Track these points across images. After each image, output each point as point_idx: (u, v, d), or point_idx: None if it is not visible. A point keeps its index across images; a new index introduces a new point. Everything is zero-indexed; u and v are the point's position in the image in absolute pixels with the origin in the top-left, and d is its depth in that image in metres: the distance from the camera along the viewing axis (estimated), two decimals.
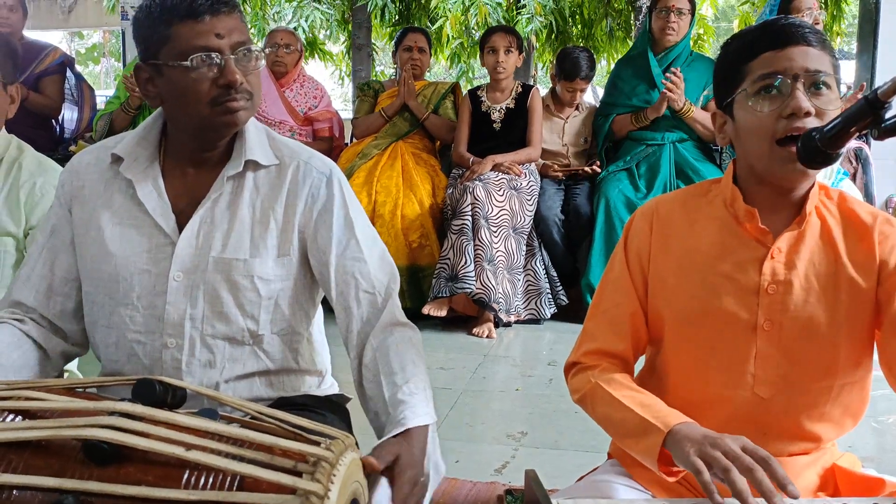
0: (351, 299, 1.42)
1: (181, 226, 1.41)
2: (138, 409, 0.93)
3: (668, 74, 4.12)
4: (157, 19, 1.34)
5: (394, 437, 1.20)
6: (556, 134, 4.57)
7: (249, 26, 7.34)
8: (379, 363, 1.35)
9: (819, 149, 1.13)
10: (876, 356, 1.31)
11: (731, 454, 1.09)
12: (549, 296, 4.16)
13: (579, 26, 7.31)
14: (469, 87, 4.73)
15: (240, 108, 1.37)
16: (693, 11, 4.35)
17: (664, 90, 4.12)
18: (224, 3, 1.35)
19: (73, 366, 2.03)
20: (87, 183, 1.46)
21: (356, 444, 1.06)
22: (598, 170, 4.39)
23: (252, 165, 1.43)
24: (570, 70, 4.50)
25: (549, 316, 4.14)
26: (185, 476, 0.90)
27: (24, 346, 1.42)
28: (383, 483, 1.11)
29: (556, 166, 4.47)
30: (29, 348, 1.43)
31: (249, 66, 1.38)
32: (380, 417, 1.32)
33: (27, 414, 0.97)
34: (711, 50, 7.19)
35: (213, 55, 1.33)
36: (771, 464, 1.07)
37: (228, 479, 0.91)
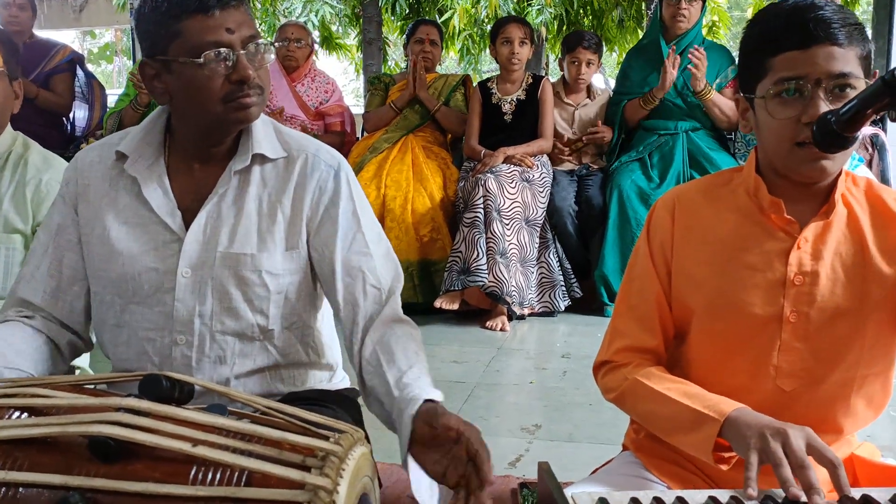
0: (358, 293, 1.40)
1: (187, 222, 1.40)
2: (144, 405, 0.93)
3: (691, 51, 4.08)
4: (164, 14, 1.31)
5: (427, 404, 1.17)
6: (565, 121, 4.53)
7: (259, 22, 7.38)
8: (380, 354, 1.33)
9: (835, 132, 1.10)
10: None
11: (788, 448, 1.07)
12: (563, 288, 4.14)
13: (590, 17, 7.26)
14: (477, 80, 4.70)
15: (252, 104, 1.36)
16: None
17: (664, 66, 4.08)
18: None
19: (84, 363, 2.04)
20: (92, 181, 1.45)
21: (366, 438, 1.05)
22: (597, 135, 4.38)
23: (259, 159, 1.42)
24: (572, 40, 4.50)
25: (563, 308, 4.12)
26: (193, 472, 0.90)
27: (37, 341, 1.42)
28: (413, 465, 1.10)
29: (559, 146, 4.42)
30: (42, 343, 1.43)
31: (259, 60, 1.36)
32: (384, 406, 1.29)
33: (33, 411, 0.97)
34: (726, 37, 7.13)
35: (225, 51, 1.32)
36: (838, 470, 1.07)
37: (236, 474, 0.90)
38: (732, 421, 1.15)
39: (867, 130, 4.27)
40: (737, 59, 1.35)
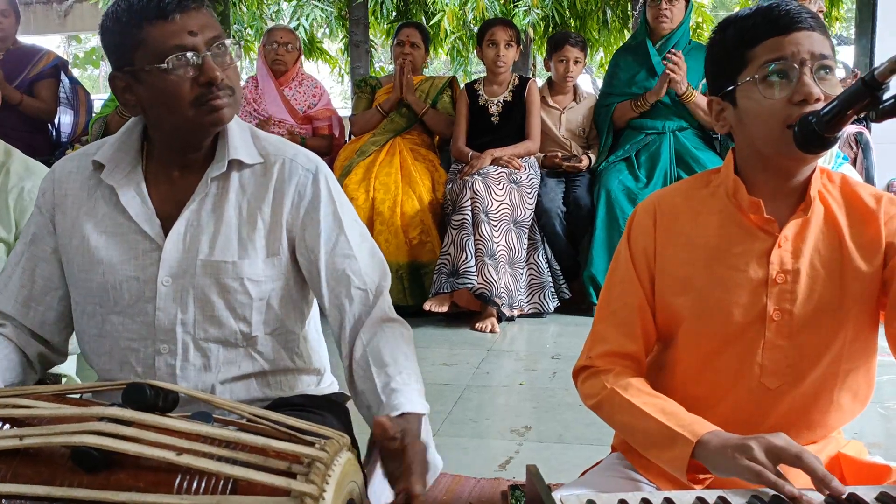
0: (343, 297, 1.40)
1: (167, 230, 1.39)
2: (128, 413, 0.92)
3: (668, 55, 4.10)
4: (126, 24, 1.30)
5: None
6: (553, 125, 4.53)
7: (247, 26, 7.34)
8: (370, 357, 1.33)
9: (816, 133, 1.10)
10: (880, 340, 1.29)
11: (777, 448, 1.08)
12: (553, 289, 4.15)
13: (576, 18, 7.29)
14: (467, 81, 4.70)
15: (224, 105, 1.34)
16: None
17: (664, 71, 4.09)
18: None
19: (71, 371, 2.02)
20: (70, 192, 1.44)
21: (352, 443, 1.04)
22: (580, 167, 4.35)
23: (236, 165, 1.41)
24: (558, 39, 4.52)
25: (552, 309, 4.12)
26: (178, 480, 0.89)
27: (6, 349, 1.40)
28: (378, 471, 1.10)
29: (559, 155, 4.42)
30: (10, 350, 1.41)
31: (226, 60, 1.35)
32: (372, 410, 1.29)
33: (15, 422, 0.96)
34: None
35: (190, 54, 1.30)
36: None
37: (221, 482, 0.89)
38: (705, 444, 1.15)
39: (851, 129, 4.29)
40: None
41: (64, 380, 1.97)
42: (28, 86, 4.54)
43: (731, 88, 1.27)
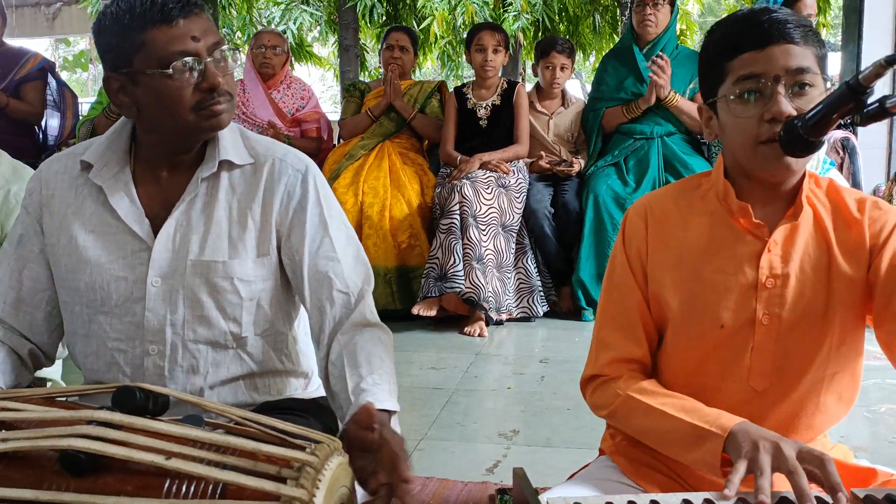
0: (325, 299, 1.40)
1: (156, 230, 1.39)
2: (116, 417, 0.92)
3: (654, 58, 4.12)
4: (127, 26, 1.30)
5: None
6: (541, 129, 4.55)
7: (236, 29, 7.33)
8: (345, 359, 1.33)
9: (801, 136, 1.11)
10: (867, 344, 1.31)
11: (782, 456, 1.09)
12: (542, 293, 4.15)
13: (566, 23, 7.31)
14: (458, 85, 4.72)
15: (223, 111, 1.36)
16: (673, 2, 4.35)
17: (651, 75, 4.12)
18: (194, 4, 1.32)
19: (57, 376, 2.01)
20: (57, 192, 1.43)
21: (343, 447, 1.04)
22: (572, 171, 4.36)
23: (226, 165, 1.42)
24: (544, 45, 4.55)
25: (541, 314, 4.13)
26: (166, 485, 0.89)
27: (1, 351, 1.40)
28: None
29: (543, 157, 4.41)
30: (6, 353, 1.41)
31: (225, 66, 1.36)
32: (343, 412, 1.29)
33: (3, 425, 0.95)
34: (694, 46, 7.21)
35: (193, 60, 1.31)
36: (826, 465, 1.08)
37: (211, 486, 0.89)
38: (735, 434, 1.15)
39: (838, 134, 4.32)
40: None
41: (49, 384, 1.96)
42: (14, 88, 4.50)
43: (712, 100, 1.28)
